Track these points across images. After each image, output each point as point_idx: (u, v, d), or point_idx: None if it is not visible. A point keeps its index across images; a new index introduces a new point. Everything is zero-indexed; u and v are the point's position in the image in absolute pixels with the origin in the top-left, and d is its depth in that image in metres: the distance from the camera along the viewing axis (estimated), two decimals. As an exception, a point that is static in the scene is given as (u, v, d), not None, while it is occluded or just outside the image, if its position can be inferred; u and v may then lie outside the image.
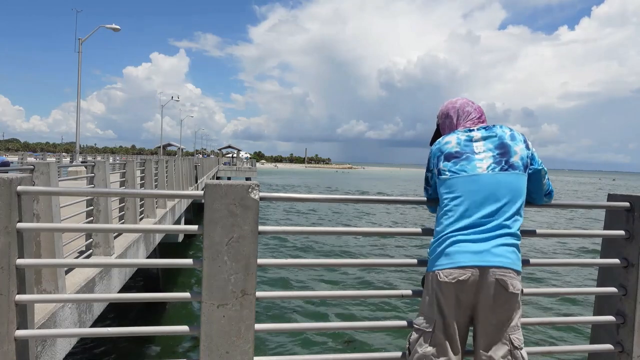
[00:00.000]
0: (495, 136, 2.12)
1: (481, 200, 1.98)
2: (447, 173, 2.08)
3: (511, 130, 2.16)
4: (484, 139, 2.11)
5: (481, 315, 1.96)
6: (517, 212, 2.01)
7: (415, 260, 2.32)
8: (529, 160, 2.10)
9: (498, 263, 1.92)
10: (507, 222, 1.97)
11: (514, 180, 2.02)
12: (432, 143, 2.36)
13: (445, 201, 2.06)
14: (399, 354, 2.28)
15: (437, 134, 2.39)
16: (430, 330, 1.98)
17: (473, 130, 2.17)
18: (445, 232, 2.01)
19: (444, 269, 1.96)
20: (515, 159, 2.06)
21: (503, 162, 2.04)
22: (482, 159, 2.05)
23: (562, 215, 32.48)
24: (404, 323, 2.29)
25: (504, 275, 1.92)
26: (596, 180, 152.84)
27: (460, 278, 1.92)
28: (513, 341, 1.97)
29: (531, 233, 2.34)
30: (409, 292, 2.31)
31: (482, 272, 1.91)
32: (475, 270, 1.91)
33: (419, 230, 2.36)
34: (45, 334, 3.15)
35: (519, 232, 2.01)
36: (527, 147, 2.12)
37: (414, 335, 2.06)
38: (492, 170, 2.02)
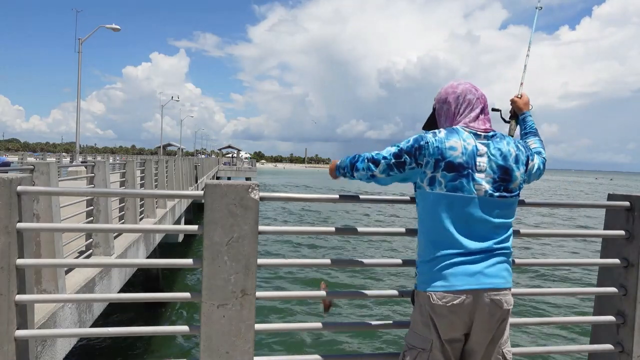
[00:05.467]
0: (500, 155, 1.92)
1: (474, 221, 1.88)
2: (443, 187, 1.88)
3: (517, 147, 1.99)
4: (489, 156, 1.90)
5: (476, 334, 1.91)
6: (509, 228, 1.95)
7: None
8: (524, 180, 2.01)
9: (492, 285, 1.87)
10: (500, 240, 1.91)
11: (509, 202, 1.94)
12: (425, 128, 2.17)
13: (435, 217, 1.90)
14: (398, 353, 2.27)
15: (432, 120, 2.18)
16: (428, 350, 1.90)
17: (480, 136, 1.93)
18: (437, 252, 1.89)
19: (437, 291, 1.87)
20: (514, 186, 1.93)
21: (502, 188, 1.90)
22: (482, 179, 1.88)
23: (560, 215, 32.48)
24: (404, 323, 2.29)
25: (498, 294, 1.87)
26: (592, 179, 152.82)
27: (454, 302, 1.85)
28: (505, 354, 1.95)
29: (531, 234, 2.34)
30: (410, 292, 2.31)
31: (476, 295, 1.85)
32: (470, 294, 1.85)
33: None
34: (45, 334, 3.15)
35: (511, 247, 1.96)
36: (528, 163, 2.01)
37: (409, 355, 1.95)
38: (489, 195, 1.88)
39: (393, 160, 1.97)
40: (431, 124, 2.17)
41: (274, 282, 12.90)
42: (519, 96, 2.51)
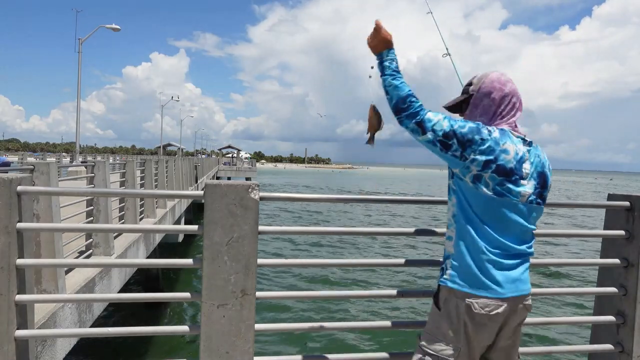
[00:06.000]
0: (539, 162, 1.89)
1: (515, 226, 1.84)
2: (490, 189, 1.80)
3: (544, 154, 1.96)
4: (531, 162, 1.87)
5: (503, 339, 1.87)
6: (534, 233, 1.95)
7: (417, 261, 2.31)
8: None
9: (527, 291, 1.87)
10: (530, 245, 1.90)
11: (541, 209, 1.93)
12: (449, 109, 2.04)
13: (477, 216, 1.82)
14: (399, 352, 2.28)
15: (459, 105, 2.02)
16: (453, 358, 1.82)
17: (525, 142, 1.88)
18: (477, 254, 1.81)
19: (480, 298, 1.78)
20: (547, 194, 1.93)
21: (539, 196, 1.88)
22: (526, 186, 1.84)
23: (559, 215, 32.48)
24: (404, 322, 2.29)
25: (528, 299, 1.88)
26: (592, 179, 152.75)
27: (498, 311, 1.79)
28: (519, 356, 1.98)
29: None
30: (409, 292, 2.31)
31: (513, 301, 1.83)
32: (510, 301, 1.81)
33: (420, 229, 2.36)
34: (45, 334, 3.15)
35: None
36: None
37: None
38: (529, 202, 1.85)
39: (440, 138, 1.82)
40: (456, 108, 2.05)
41: (274, 282, 12.90)
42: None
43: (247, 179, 45.59)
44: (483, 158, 1.78)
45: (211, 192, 2.00)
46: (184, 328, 2.13)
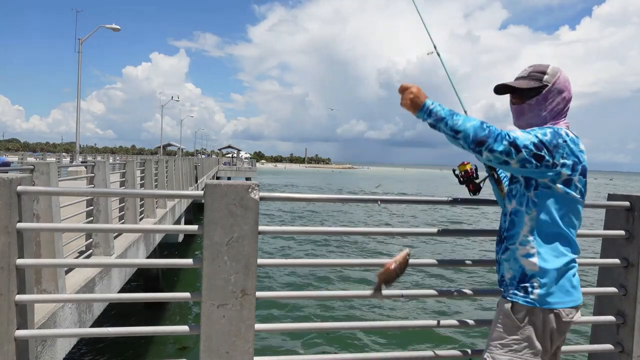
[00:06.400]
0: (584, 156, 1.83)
1: (578, 227, 1.83)
2: (577, 192, 1.75)
3: None
4: None
5: (560, 340, 1.85)
6: None
7: (419, 261, 2.31)
8: None
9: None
10: None
11: None
12: (502, 90, 1.89)
13: (563, 222, 1.75)
14: (398, 353, 2.28)
15: (522, 91, 1.84)
16: None
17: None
18: (563, 261, 1.75)
19: (567, 307, 1.75)
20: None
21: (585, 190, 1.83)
22: (585, 183, 1.81)
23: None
24: (404, 323, 2.29)
25: None
26: (592, 180, 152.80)
27: (576, 316, 1.78)
28: None
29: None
30: (409, 292, 2.31)
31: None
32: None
33: (420, 230, 2.36)
34: (45, 334, 3.15)
35: None
36: None
37: None
38: (583, 198, 1.82)
39: (533, 152, 1.68)
40: (514, 93, 1.88)
41: (274, 282, 12.90)
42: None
43: (247, 179, 45.59)
44: (570, 161, 1.72)
45: (211, 192, 2.00)
46: (184, 328, 2.13)
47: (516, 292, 1.79)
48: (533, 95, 1.83)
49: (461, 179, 2.12)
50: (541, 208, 1.76)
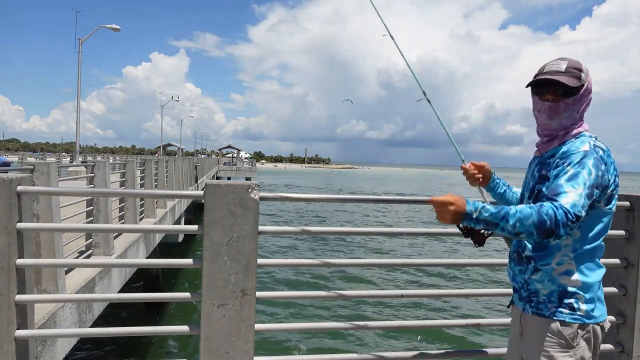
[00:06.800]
0: None
1: None
2: (613, 206, 1.71)
3: None
4: None
5: None
6: None
7: (418, 261, 2.31)
8: None
9: None
10: None
11: None
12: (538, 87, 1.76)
13: (602, 237, 1.72)
14: (398, 353, 2.28)
15: (559, 87, 1.71)
16: None
17: None
18: (601, 275, 1.73)
19: (606, 317, 1.75)
20: None
21: None
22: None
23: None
24: (405, 323, 2.29)
25: None
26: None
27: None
28: None
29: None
30: (409, 291, 2.31)
31: None
32: None
33: (420, 230, 2.36)
34: (45, 334, 3.15)
35: None
36: None
37: None
38: None
39: (588, 202, 1.58)
40: (557, 89, 1.73)
41: (274, 282, 12.90)
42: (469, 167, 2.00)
43: (247, 179, 45.60)
44: (613, 177, 1.68)
45: (211, 192, 2.00)
46: (184, 328, 2.13)
47: (561, 310, 1.69)
48: (570, 94, 1.72)
49: (464, 231, 1.85)
50: (585, 229, 1.69)
